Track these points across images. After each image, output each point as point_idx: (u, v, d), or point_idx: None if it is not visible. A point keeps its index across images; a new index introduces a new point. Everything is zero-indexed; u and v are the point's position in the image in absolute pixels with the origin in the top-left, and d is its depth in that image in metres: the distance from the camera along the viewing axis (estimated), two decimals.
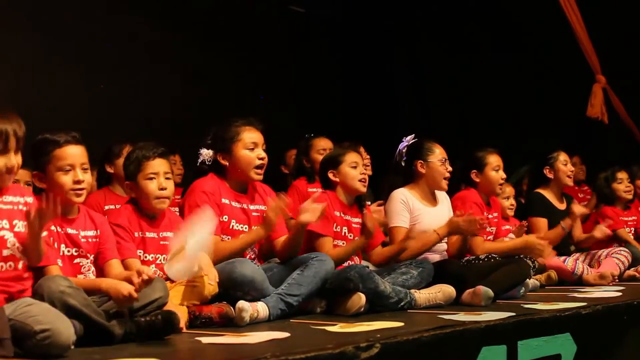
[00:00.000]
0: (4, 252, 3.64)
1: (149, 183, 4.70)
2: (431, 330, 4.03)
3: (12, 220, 3.68)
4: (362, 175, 5.64)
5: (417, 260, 5.60)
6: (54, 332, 3.42)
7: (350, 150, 5.75)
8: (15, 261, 3.68)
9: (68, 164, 4.13)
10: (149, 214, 4.76)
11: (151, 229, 4.75)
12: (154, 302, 4.06)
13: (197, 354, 3.79)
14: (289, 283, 4.86)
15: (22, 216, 3.71)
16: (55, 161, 4.15)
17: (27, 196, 3.81)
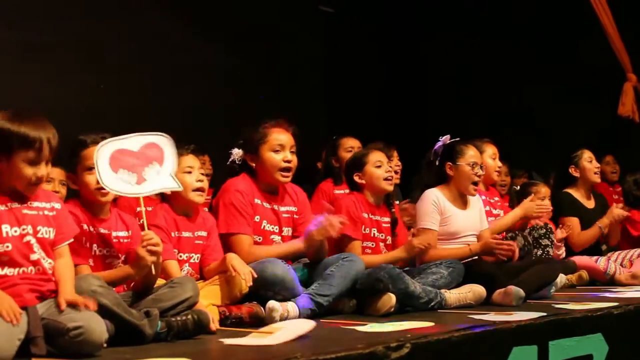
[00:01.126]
0: (32, 256, 3.66)
1: (186, 176, 4.73)
2: (462, 330, 4.02)
3: (35, 226, 3.70)
4: (388, 174, 5.63)
5: (447, 260, 5.57)
6: (87, 330, 3.44)
7: (373, 150, 5.73)
8: (41, 266, 3.69)
9: (93, 164, 4.15)
10: (185, 212, 4.78)
11: (187, 228, 4.77)
12: (184, 302, 4.07)
13: (228, 353, 3.79)
14: (319, 283, 4.87)
15: (46, 222, 3.74)
16: (82, 161, 4.20)
17: (54, 201, 3.82)
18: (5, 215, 3.61)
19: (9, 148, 3.57)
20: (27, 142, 3.57)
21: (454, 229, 5.89)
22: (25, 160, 3.58)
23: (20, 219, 3.65)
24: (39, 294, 3.64)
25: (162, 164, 4.12)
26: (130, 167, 4.05)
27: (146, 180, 4.07)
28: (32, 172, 3.61)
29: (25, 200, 3.69)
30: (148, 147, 4.12)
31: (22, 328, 3.43)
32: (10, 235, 3.61)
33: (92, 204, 4.23)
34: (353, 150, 6.87)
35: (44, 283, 3.67)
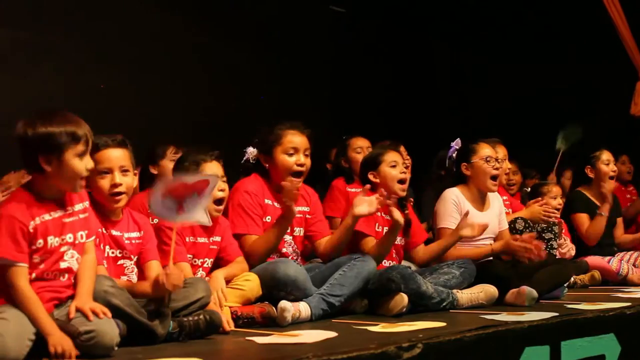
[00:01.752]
0: (61, 264, 3.67)
1: None
2: (474, 331, 4.01)
3: (75, 233, 3.71)
4: (402, 175, 5.61)
5: (459, 260, 5.57)
6: (99, 333, 3.46)
7: (389, 150, 5.72)
8: (70, 273, 3.70)
9: (106, 167, 4.15)
10: None
11: (203, 234, 4.77)
12: (196, 302, 4.08)
13: (240, 353, 3.80)
14: (331, 283, 4.86)
15: (83, 225, 3.75)
16: (95, 165, 4.13)
17: (85, 201, 3.82)
18: (50, 226, 3.62)
19: (60, 147, 3.56)
20: (76, 137, 3.58)
21: None
22: (75, 154, 3.59)
23: (62, 228, 3.66)
24: (58, 301, 3.65)
25: (201, 196, 4.07)
26: (177, 196, 4.00)
27: (184, 210, 4.01)
28: (83, 165, 3.62)
29: (65, 207, 3.70)
30: (200, 182, 4.07)
31: (33, 329, 3.43)
32: (53, 246, 3.62)
33: (104, 206, 4.22)
34: (362, 150, 6.87)
35: (65, 289, 3.68)
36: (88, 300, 3.57)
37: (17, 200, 3.59)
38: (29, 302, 3.46)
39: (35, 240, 3.56)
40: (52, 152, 3.56)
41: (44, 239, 3.58)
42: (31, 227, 3.54)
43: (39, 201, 3.61)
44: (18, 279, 3.49)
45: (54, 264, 3.64)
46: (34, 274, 3.59)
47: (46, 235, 3.59)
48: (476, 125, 9.36)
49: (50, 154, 3.56)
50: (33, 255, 3.57)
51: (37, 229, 3.56)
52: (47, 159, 3.57)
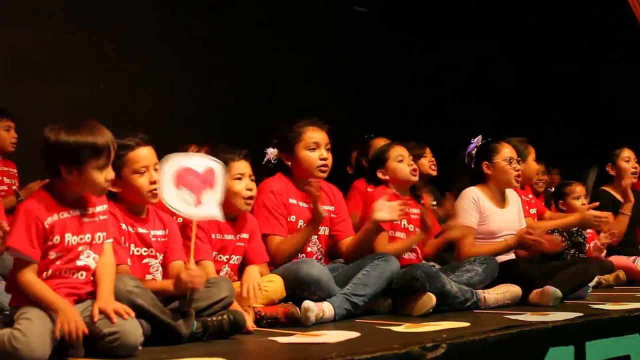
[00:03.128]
0: (78, 262, 3.69)
1: (236, 183, 4.72)
2: (498, 331, 4.00)
3: (94, 234, 3.74)
4: (411, 167, 5.61)
5: (481, 257, 5.56)
6: (122, 334, 3.47)
7: (394, 145, 5.72)
8: (87, 271, 3.72)
9: (143, 166, 4.16)
10: (230, 216, 4.76)
11: (230, 231, 4.77)
12: (220, 302, 4.08)
13: (264, 353, 3.80)
14: (354, 283, 4.86)
15: (101, 227, 3.77)
16: (129, 164, 4.16)
17: (104, 203, 3.84)
18: (69, 224, 3.65)
19: (80, 160, 3.59)
20: (98, 151, 3.61)
21: (493, 227, 5.88)
22: (96, 167, 3.62)
23: (80, 227, 3.69)
24: (77, 297, 3.67)
25: (213, 189, 4.09)
26: (192, 187, 4.01)
27: (202, 204, 4.03)
28: (103, 177, 3.65)
29: (85, 207, 3.72)
30: (208, 171, 4.09)
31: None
32: (71, 244, 3.65)
33: (133, 205, 4.24)
34: None
35: (83, 286, 3.70)
36: (110, 301, 3.59)
37: (37, 198, 3.65)
38: (35, 288, 3.52)
39: (52, 236, 3.59)
40: (73, 163, 3.60)
41: (60, 236, 3.61)
42: (47, 223, 3.58)
43: (59, 200, 3.66)
44: (26, 271, 3.54)
45: (70, 262, 3.66)
46: (50, 270, 3.62)
47: (63, 233, 3.62)
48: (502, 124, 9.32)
49: (71, 164, 3.61)
50: (49, 251, 3.60)
51: (54, 226, 3.60)
52: (68, 168, 3.61)
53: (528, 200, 6.70)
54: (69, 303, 3.52)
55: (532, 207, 6.72)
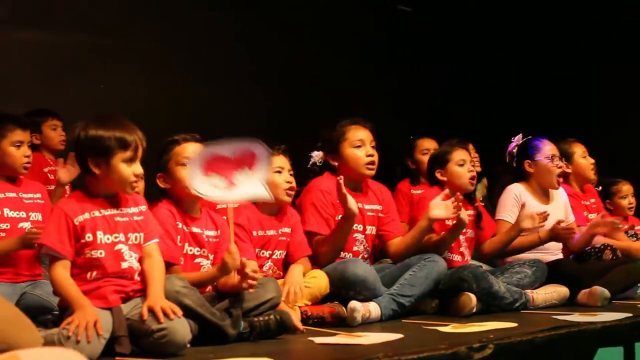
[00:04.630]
0: (123, 264, 3.72)
1: (276, 176, 4.75)
2: (545, 331, 3.98)
3: (127, 233, 3.76)
4: (471, 173, 5.57)
5: (531, 260, 5.54)
6: (171, 331, 3.50)
7: (458, 148, 5.67)
8: (131, 272, 3.75)
9: (185, 159, 4.21)
10: (271, 211, 4.79)
11: (272, 227, 4.79)
12: (267, 302, 4.10)
13: (310, 353, 3.81)
14: (401, 283, 4.86)
15: (137, 227, 3.80)
16: (175, 157, 4.25)
17: (140, 204, 3.88)
18: (100, 222, 3.69)
19: (107, 152, 3.65)
20: (125, 143, 3.66)
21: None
22: (123, 160, 3.66)
23: (113, 226, 3.72)
24: (124, 294, 3.70)
25: (253, 169, 4.04)
26: (221, 170, 3.96)
27: (236, 185, 3.97)
28: (131, 170, 3.69)
29: (118, 207, 3.76)
30: (242, 152, 4.04)
31: (107, 328, 3.50)
32: (104, 242, 3.68)
33: (184, 202, 4.28)
34: (429, 151, 6.85)
35: (129, 284, 3.73)
36: (160, 300, 3.61)
37: (70, 197, 3.76)
38: (62, 284, 3.58)
39: (83, 234, 3.64)
40: (100, 155, 3.67)
41: (92, 234, 3.65)
42: (77, 221, 3.63)
43: (91, 199, 3.72)
44: (56, 268, 3.60)
45: (116, 265, 3.70)
46: (95, 272, 3.66)
47: (95, 231, 3.66)
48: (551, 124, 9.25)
49: (98, 157, 3.67)
50: (84, 249, 3.64)
51: (85, 224, 3.65)
52: (95, 162, 3.68)
53: (588, 205, 6.55)
54: (91, 304, 3.54)
55: (591, 212, 6.56)
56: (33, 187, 4.77)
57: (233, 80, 8.49)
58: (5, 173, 4.65)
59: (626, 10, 9.81)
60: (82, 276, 3.64)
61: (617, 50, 9.94)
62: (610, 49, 9.97)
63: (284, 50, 8.94)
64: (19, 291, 4.47)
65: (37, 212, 4.68)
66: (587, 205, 6.47)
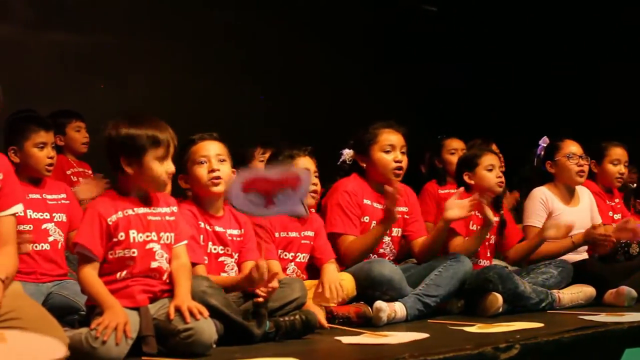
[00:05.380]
0: (153, 263, 3.73)
1: None
2: (572, 332, 3.96)
3: (159, 233, 3.77)
4: (499, 179, 5.53)
5: (556, 260, 5.51)
6: (197, 331, 3.51)
7: (487, 152, 5.64)
8: (160, 272, 3.76)
9: (202, 156, 4.23)
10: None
11: (295, 229, 4.78)
12: (292, 302, 4.10)
13: (336, 353, 3.81)
14: (427, 284, 4.85)
15: (168, 227, 3.81)
16: (192, 156, 4.25)
17: (172, 205, 3.89)
18: (133, 220, 3.70)
19: (140, 150, 3.66)
20: (157, 141, 3.67)
21: None
22: (155, 158, 3.67)
23: (146, 225, 3.73)
24: (152, 294, 3.71)
25: (295, 189, 4.04)
26: (261, 189, 3.98)
27: (274, 204, 4.00)
28: (163, 169, 3.70)
29: (150, 205, 3.77)
30: (287, 175, 4.07)
31: (134, 327, 3.50)
32: (137, 241, 3.69)
33: (206, 201, 4.28)
34: (457, 152, 6.84)
35: (157, 284, 3.74)
36: (187, 300, 3.62)
37: (103, 196, 3.77)
38: (91, 284, 3.58)
39: (116, 233, 3.65)
40: (133, 154, 3.67)
41: (125, 233, 3.66)
42: (110, 220, 3.64)
43: (124, 198, 3.72)
44: (86, 267, 3.62)
45: (146, 264, 3.70)
46: (125, 271, 3.67)
47: (128, 229, 3.67)
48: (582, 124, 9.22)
49: (131, 156, 3.67)
50: (115, 248, 3.65)
51: (119, 223, 3.65)
52: (128, 160, 3.68)
53: (613, 205, 6.51)
54: (119, 304, 3.54)
55: (617, 213, 6.51)
56: (57, 188, 4.78)
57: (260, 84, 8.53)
58: (29, 174, 4.65)
59: (626, 10, 9.76)
60: (111, 275, 3.65)
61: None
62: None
63: (302, 50, 8.95)
64: (45, 291, 4.48)
65: (62, 212, 4.69)
66: (612, 205, 6.43)
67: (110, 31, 7.72)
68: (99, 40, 7.70)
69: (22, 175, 4.58)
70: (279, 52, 8.82)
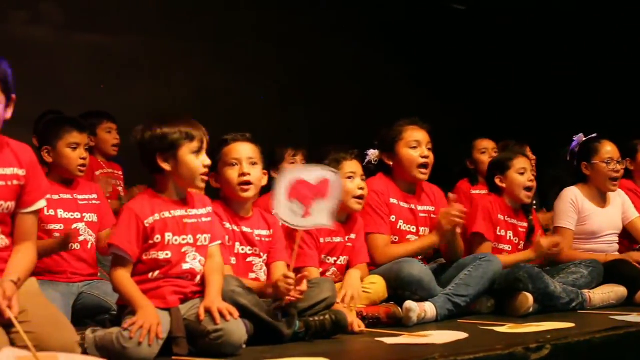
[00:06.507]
0: (184, 265, 3.74)
1: (347, 182, 4.75)
2: (603, 332, 3.94)
3: (195, 235, 3.79)
4: (530, 183, 5.48)
5: (587, 260, 5.48)
6: (227, 332, 3.52)
7: (520, 155, 5.60)
8: (193, 274, 3.77)
9: (234, 159, 4.22)
10: (340, 217, 4.77)
11: (340, 234, 4.80)
12: (322, 302, 4.10)
13: (367, 353, 3.82)
14: (456, 283, 4.83)
15: (205, 229, 3.83)
16: (224, 158, 4.24)
17: (208, 205, 3.91)
18: (170, 223, 3.72)
19: (175, 145, 3.69)
20: (190, 135, 3.70)
21: (594, 227, 5.78)
22: (191, 152, 3.70)
23: (182, 228, 3.75)
24: (183, 295, 3.72)
25: (326, 197, 4.08)
26: (303, 199, 4.02)
27: (311, 215, 4.04)
28: (200, 161, 3.72)
29: (186, 208, 3.79)
30: (322, 182, 4.09)
31: (165, 328, 3.52)
32: (172, 243, 3.71)
33: (235, 202, 4.28)
34: (487, 151, 6.84)
35: (189, 285, 3.75)
36: (217, 301, 3.63)
37: (140, 198, 3.76)
38: (124, 285, 3.60)
39: (153, 235, 3.66)
40: (168, 150, 3.70)
41: (161, 235, 3.68)
42: (147, 222, 3.66)
43: (160, 200, 3.74)
44: (120, 268, 3.63)
45: (177, 266, 3.72)
46: (157, 271, 3.69)
47: (164, 232, 3.69)
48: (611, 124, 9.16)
49: (166, 152, 3.70)
50: (151, 250, 3.67)
51: (155, 225, 3.67)
52: (164, 157, 3.70)
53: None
54: (152, 305, 3.55)
55: None
56: (89, 188, 4.80)
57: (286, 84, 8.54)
58: (61, 174, 4.68)
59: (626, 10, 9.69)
60: (143, 275, 3.68)
61: None
62: None
63: (334, 51, 8.95)
64: (76, 291, 4.51)
65: (92, 213, 4.71)
66: None
67: (140, 32, 7.75)
68: (128, 41, 7.73)
69: (55, 176, 4.64)
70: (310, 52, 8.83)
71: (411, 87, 9.42)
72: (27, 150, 3.47)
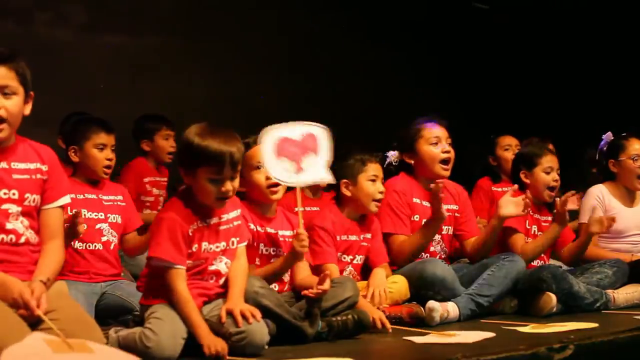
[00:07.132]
0: (210, 267, 3.75)
1: (370, 185, 4.77)
2: (627, 332, 3.92)
3: (228, 240, 3.80)
4: (554, 183, 5.46)
5: (611, 260, 5.44)
6: (249, 333, 3.53)
7: (548, 153, 5.56)
8: (218, 275, 3.78)
9: (259, 162, 4.19)
10: (356, 217, 4.82)
11: (355, 232, 4.81)
12: (344, 302, 4.09)
13: (391, 353, 3.81)
14: (479, 283, 4.82)
15: (236, 232, 3.84)
16: (248, 161, 4.19)
17: (238, 207, 3.91)
18: (206, 233, 3.72)
19: (195, 164, 3.65)
20: (209, 158, 3.63)
21: (620, 227, 5.73)
22: (207, 177, 3.65)
23: (216, 235, 3.76)
24: (207, 297, 3.74)
25: (317, 154, 4.06)
26: (292, 155, 4.00)
27: (303, 170, 4.02)
28: (216, 189, 3.66)
29: (220, 214, 3.78)
30: (308, 137, 4.07)
31: (185, 328, 3.53)
32: (207, 251, 3.72)
33: (259, 203, 4.29)
34: (510, 148, 6.82)
35: (212, 286, 3.77)
36: (239, 303, 3.63)
37: (177, 206, 3.70)
38: (185, 305, 3.55)
39: (192, 244, 3.66)
40: (189, 166, 3.68)
41: (198, 244, 3.68)
42: (190, 230, 3.65)
43: (195, 209, 3.71)
44: (177, 281, 3.58)
45: (203, 268, 3.73)
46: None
47: (201, 241, 3.69)
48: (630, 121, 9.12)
49: (188, 167, 3.68)
50: (188, 258, 3.66)
51: (195, 234, 3.67)
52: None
53: None
54: (207, 328, 3.51)
55: None
56: (114, 189, 4.82)
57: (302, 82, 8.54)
58: (87, 175, 4.70)
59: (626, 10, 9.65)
60: None
61: None
62: None
63: (353, 49, 8.95)
64: (99, 291, 4.52)
65: (117, 214, 4.72)
66: None
67: (162, 33, 7.78)
68: (151, 42, 7.76)
69: (80, 176, 4.67)
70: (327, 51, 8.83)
71: (432, 87, 9.42)
72: (47, 149, 3.52)
